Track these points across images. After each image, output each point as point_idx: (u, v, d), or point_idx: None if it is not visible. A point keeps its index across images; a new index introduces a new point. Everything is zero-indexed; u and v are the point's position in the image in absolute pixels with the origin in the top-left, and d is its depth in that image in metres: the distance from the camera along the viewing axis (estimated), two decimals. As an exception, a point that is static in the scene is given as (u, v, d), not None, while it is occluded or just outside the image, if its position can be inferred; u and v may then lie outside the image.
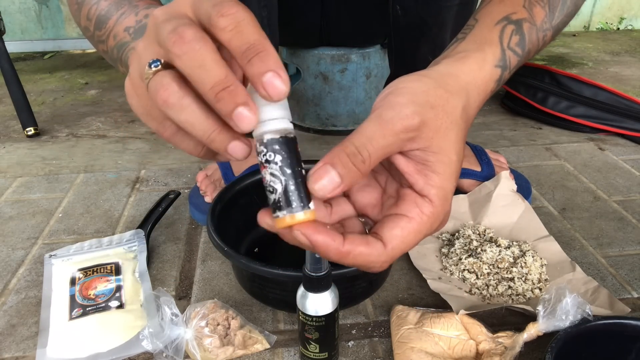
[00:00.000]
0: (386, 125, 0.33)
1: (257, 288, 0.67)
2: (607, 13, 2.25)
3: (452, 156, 0.35)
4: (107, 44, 0.53)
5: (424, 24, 0.79)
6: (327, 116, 1.20)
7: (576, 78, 1.23)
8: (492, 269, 0.71)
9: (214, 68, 0.29)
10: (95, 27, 0.54)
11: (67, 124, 1.32)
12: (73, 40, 2.02)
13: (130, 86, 0.34)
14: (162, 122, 0.33)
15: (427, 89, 0.36)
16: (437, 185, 0.34)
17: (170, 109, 0.30)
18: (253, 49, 0.28)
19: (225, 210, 0.73)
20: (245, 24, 0.29)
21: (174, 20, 0.30)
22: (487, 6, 0.48)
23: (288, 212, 0.31)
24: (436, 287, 0.68)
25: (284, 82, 0.28)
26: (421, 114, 0.34)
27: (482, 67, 0.42)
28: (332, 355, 0.57)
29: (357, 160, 0.32)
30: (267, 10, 0.75)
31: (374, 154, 0.32)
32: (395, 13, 0.82)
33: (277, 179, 0.31)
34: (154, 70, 0.31)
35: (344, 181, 0.32)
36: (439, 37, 0.78)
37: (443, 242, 0.79)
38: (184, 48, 0.29)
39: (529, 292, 0.68)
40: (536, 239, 0.77)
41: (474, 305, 0.65)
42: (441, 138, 0.35)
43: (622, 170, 1.04)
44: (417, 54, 0.82)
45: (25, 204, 0.95)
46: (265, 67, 0.28)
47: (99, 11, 0.54)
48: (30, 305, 0.70)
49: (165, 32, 0.29)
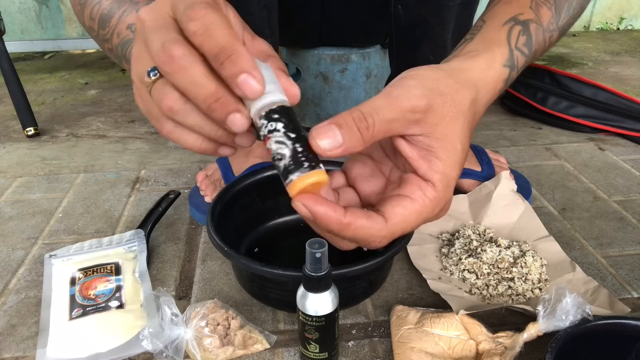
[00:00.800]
0: (394, 100, 0.34)
1: (257, 288, 0.67)
2: (607, 13, 2.25)
3: (456, 145, 0.36)
4: (112, 42, 0.53)
5: (425, 23, 0.79)
6: (327, 116, 1.20)
7: (576, 78, 1.23)
8: (492, 269, 0.71)
9: (204, 83, 0.30)
10: (99, 27, 0.55)
11: (67, 124, 1.32)
12: (73, 40, 2.02)
13: (135, 91, 0.36)
14: (160, 119, 0.34)
15: (438, 77, 0.36)
16: (440, 171, 0.35)
17: (176, 114, 0.32)
18: (224, 53, 0.29)
19: (225, 210, 0.73)
20: (215, 27, 0.30)
21: (161, 32, 0.31)
22: (494, 8, 0.49)
23: (301, 172, 0.31)
24: (436, 287, 0.68)
25: (258, 81, 0.30)
26: (429, 97, 0.34)
27: (491, 67, 0.42)
28: (332, 355, 0.57)
29: (362, 126, 0.32)
30: (267, 10, 0.75)
31: (377, 124, 0.33)
32: (397, 12, 0.81)
33: (283, 145, 0.31)
34: (153, 79, 0.32)
35: (345, 143, 0.32)
36: (440, 37, 0.78)
37: (443, 242, 0.79)
38: (174, 67, 0.30)
39: (529, 292, 0.68)
40: (536, 239, 0.77)
41: (474, 306, 0.65)
42: (446, 125, 0.35)
43: (622, 170, 1.04)
44: (418, 53, 0.82)
45: (25, 204, 0.95)
46: (238, 69, 0.29)
47: (101, 10, 0.54)
48: (30, 305, 0.70)
49: (154, 48, 0.31)
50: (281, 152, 0.31)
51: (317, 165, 0.31)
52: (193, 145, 0.34)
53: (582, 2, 0.55)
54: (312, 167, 0.31)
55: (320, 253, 0.50)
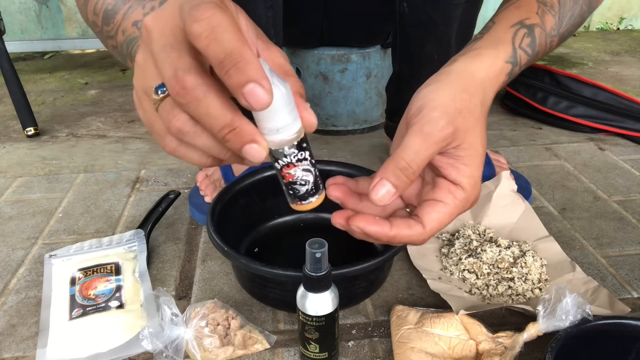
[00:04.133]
0: (428, 138, 0.39)
1: (257, 288, 0.67)
2: (607, 13, 2.25)
3: (479, 149, 0.42)
4: (116, 39, 0.51)
5: (431, 22, 0.78)
6: (327, 116, 1.20)
7: (576, 78, 1.23)
8: (492, 269, 0.71)
9: (219, 115, 0.29)
10: (103, 22, 0.53)
11: (67, 124, 1.32)
12: (73, 40, 2.01)
13: (135, 98, 0.34)
14: (164, 137, 0.33)
15: (453, 96, 0.42)
16: (468, 175, 0.41)
17: (185, 136, 0.31)
18: (230, 59, 0.27)
19: (226, 210, 0.73)
20: (222, 29, 0.27)
21: (172, 54, 0.29)
22: (504, 10, 0.54)
23: (318, 194, 0.36)
24: (436, 287, 0.68)
25: (266, 91, 0.27)
26: (453, 122, 0.40)
27: (495, 62, 0.47)
28: (332, 355, 0.57)
29: (409, 173, 0.39)
30: (272, 11, 0.75)
31: (421, 165, 0.39)
32: (402, 10, 0.81)
33: (309, 172, 0.35)
34: (161, 97, 0.31)
35: (398, 190, 0.39)
36: (445, 35, 0.78)
37: (443, 242, 0.79)
38: (188, 98, 0.28)
39: (529, 292, 0.68)
40: (536, 239, 0.77)
41: (474, 306, 0.65)
42: (470, 136, 0.41)
43: (622, 170, 1.04)
44: (423, 52, 0.82)
45: (25, 204, 0.95)
46: (244, 79, 0.27)
47: (105, 5, 0.53)
48: (30, 305, 0.70)
49: (166, 73, 0.29)
50: (306, 178, 0.35)
51: (323, 186, 0.37)
52: (199, 162, 0.33)
53: (583, 14, 0.59)
54: (323, 188, 0.37)
55: (320, 253, 0.50)
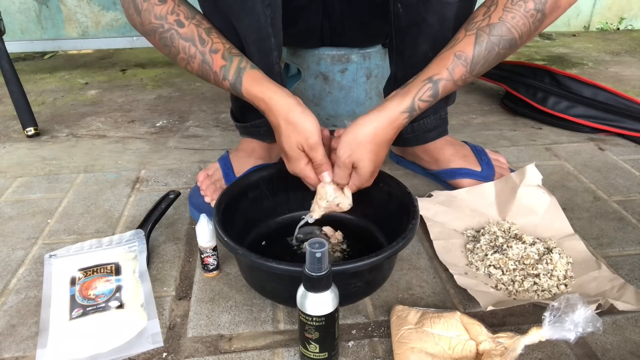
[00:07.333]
0: (338, 159, 0.71)
1: (256, 280, 0.67)
2: (607, 13, 2.25)
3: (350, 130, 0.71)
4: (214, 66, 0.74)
5: (425, 22, 0.78)
6: (327, 116, 1.20)
7: (576, 78, 1.23)
8: (518, 265, 0.72)
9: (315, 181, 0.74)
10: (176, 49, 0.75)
11: (67, 124, 1.32)
12: (73, 40, 2.02)
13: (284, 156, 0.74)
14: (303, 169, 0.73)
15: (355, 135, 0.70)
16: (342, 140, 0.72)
17: (309, 184, 0.75)
18: (319, 165, 0.72)
19: (234, 202, 0.75)
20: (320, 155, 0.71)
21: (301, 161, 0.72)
22: (429, 65, 0.72)
23: None
24: (463, 282, 0.69)
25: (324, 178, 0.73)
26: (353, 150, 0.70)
27: (393, 112, 0.70)
28: (332, 355, 0.57)
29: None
30: (270, 10, 0.75)
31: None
32: (396, 11, 0.81)
33: None
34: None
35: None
36: (439, 35, 0.77)
37: (468, 238, 0.80)
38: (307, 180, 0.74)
39: (555, 287, 0.69)
40: (561, 237, 0.79)
41: (501, 301, 0.66)
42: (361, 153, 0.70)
43: (622, 170, 1.04)
44: (418, 52, 0.82)
45: (25, 204, 0.95)
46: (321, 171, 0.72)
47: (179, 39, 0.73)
48: (30, 305, 0.70)
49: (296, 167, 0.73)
50: None
51: None
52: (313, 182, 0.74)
53: (504, 53, 0.70)
54: None
55: (321, 253, 0.50)
